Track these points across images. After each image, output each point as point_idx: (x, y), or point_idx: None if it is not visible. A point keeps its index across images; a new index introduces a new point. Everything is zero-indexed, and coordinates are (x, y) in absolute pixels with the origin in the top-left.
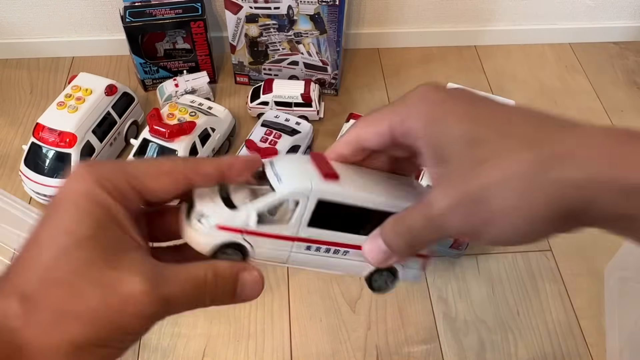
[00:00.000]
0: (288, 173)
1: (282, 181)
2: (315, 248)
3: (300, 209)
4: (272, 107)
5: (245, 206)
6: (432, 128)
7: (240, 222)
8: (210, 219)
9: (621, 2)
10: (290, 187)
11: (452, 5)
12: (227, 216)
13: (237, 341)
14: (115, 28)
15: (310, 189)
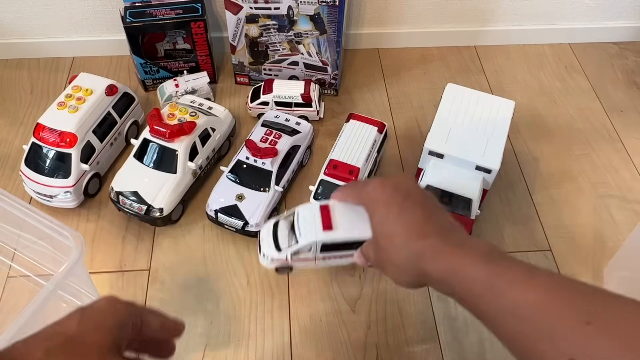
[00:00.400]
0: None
1: (301, 235)
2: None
3: (313, 247)
4: (272, 107)
5: (285, 250)
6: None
7: (283, 257)
8: (268, 256)
9: (621, 2)
10: (305, 240)
11: (452, 6)
12: (276, 255)
13: (237, 341)
14: (115, 28)
15: (316, 241)
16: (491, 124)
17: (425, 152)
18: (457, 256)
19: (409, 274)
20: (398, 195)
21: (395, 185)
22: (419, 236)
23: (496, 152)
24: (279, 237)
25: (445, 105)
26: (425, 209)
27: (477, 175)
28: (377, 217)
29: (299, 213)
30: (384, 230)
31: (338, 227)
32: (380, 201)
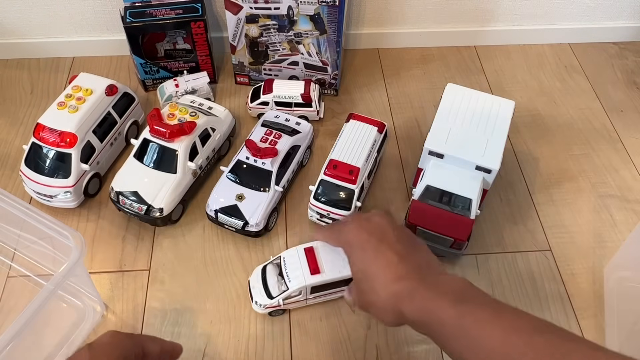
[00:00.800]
0: (292, 274)
1: (290, 281)
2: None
3: (303, 291)
4: (272, 107)
5: (276, 297)
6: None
7: (275, 304)
8: (261, 304)
9: (621, 2)
10: (294, 286)
11: (452, 6)
12: (268, 302)
13: (237, 341)
14: (115, 28)
15: (305, 285)
16: (491, 124)
17: (425, 152)
18: (430, 299)
19: (390, 314)
20: (372, 238)
21: (369, 228)
22: (395, 278)
23: (496, 152)
24: (268, 284)
25: (445, 105)
26: (399, 249)
27: (477, 175)
28: (355, 262)
29: (284, 258)
30: (363, 275)
31: (325, 270)
32: (356, 246)
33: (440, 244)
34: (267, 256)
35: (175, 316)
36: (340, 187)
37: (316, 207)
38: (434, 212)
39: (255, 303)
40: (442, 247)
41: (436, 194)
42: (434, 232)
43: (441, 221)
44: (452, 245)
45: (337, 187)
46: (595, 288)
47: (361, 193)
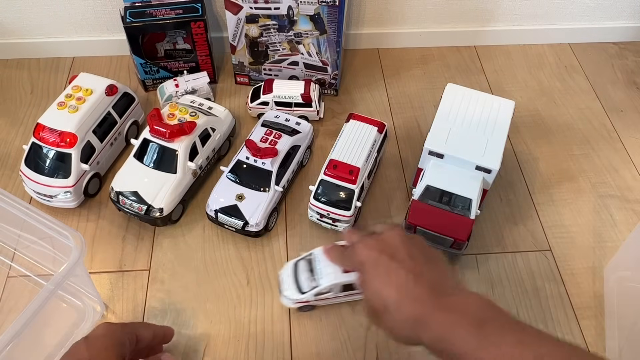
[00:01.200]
0: (324, 271)
1: (322, 277)
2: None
3: (335, 288)
4: (272, 107)
5: (308, 293)
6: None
7: (305, 299)
8: (290, 298)
9: (621, 2)
10: (327, 283)
11: (452, 6)
12: (298, 297)
13: (237, 341)
14: (115, 28)
15: (336, 282)
16: (491, 124)
17: (425, 152)
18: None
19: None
20: (383, 256)
21: (379, 246)
22: (411, 301)
23: (496, 152)
24: (299, 279)
25: (445, 105)
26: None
27: (477, 175)
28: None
29: (317, 255)
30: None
31: None
32: (367, 264)
33: (441, 244)
34: (267, 256)
35: (175, 316)
36: (340, 187)
37: (316, 207)
38: (434, 212)
39: (285, 297)
40: (442, 247)
41: (436, 194)
42: (434, 232)
43: (441, 221)
44: (452, 245)
45: (337, 187)
46: (595, 288)
47: (361, 193)
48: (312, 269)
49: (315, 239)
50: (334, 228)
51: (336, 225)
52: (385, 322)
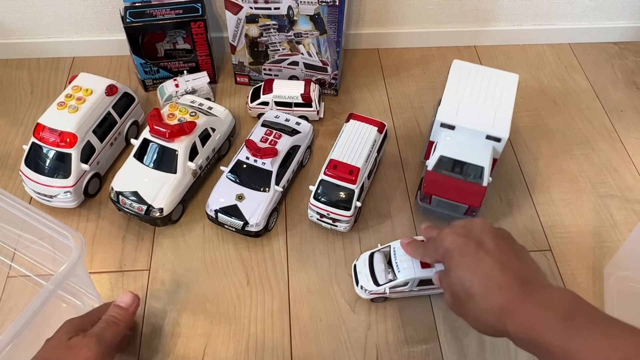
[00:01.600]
0: (402, 266)
1: (400, 271)
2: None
3: (411, 282)
4: (272, 107)
5: (383, 286)
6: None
7: (381, 291)
8: (367, 290)
9: (621, 2)
10: (404, 277)
11: (451, 6)
12: (374, 289)
13: (237, 341)
14: (115, 28)
15: (414, 277)
16: (498, 95)
17: (436, 125)
18: (535, 316)
19: (489, 325)
20: (470, 243)
21: (466, 233)
22: (498, 289)
23: (504, 122)
24: (375, 271)
25: (453, 80)
26: (500, 257)
27: (488, 144)
28: (453, 268)
29: (395, 249)
30: (460, 282)
31: (436, 265)
32: (453, 251)
33: (455, 211)
34: (267, 256)
35: (175, 316)
36: (340, 187)
37: (316, 207)
38: (448, 181)
39: (360, 287)
40: (457, 214)
41: (449, 164)
42: (448, 200)
43: (455, 190)
44: (466, 212)
45: (337, 187)
46: (595, 288)
47: (361, 193)
48: (389, 262)
49: (315, 239)
50: (334, 228)
51: (336, 225)
52: (468, 310)
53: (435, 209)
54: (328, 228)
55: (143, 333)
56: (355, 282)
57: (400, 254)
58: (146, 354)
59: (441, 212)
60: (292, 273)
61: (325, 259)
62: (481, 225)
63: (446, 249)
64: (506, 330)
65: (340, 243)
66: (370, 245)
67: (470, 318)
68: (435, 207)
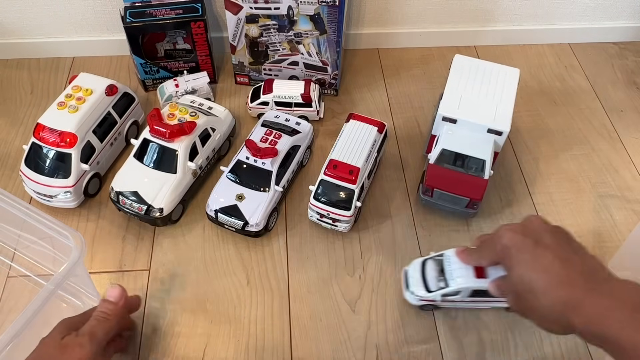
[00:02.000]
0: (456, 274)
1: (453, 279)
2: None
3: (464, 292)
4: (272, 107)
5: (435, 292)
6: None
7: (432, 298)
8: (417, 295)
9: (621, 2)
10: (458, 285)
11: (451, 6)
12: (425, 295)
13: (237, 341)
14: (115, 28)
15: (468, 287)
16: (499, 90)
17: (438, 119)
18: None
19: (555, 323)
20: (528, 240)
21: (523, 231)
22: (558, 284)
23: (506, 115)
24: (427, 278)
25: (455, 75)
26: (559, 252)
27: (489, 137)
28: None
29: (449, 257)
30: (520, 279)
31: (490, 276)
32: (511, 249)
33: (457, 204)
34: (267, 256)
35: (175, 316)
36: (340, 187)
37: (316, 207)
38: (450, 174)
39: (411, 293)
40: (459, 208)
41: (450, 157)
42: (450, 193)
43: (457, 182)
44: (467, 205)
45: (337, 187)
46: None
47: (361, 193)
48: (442, 270)
49: (315, 239)
50: (334, 228)
51: (336, 225)
52: (532, 309)
53: (437, 202)
54: (328, 228)
55: (143, 333)
56: (406, 287)
57: (454, 262)
58: (146, 354)
59: (442, 205)
60: (292, 273)
61: (325, 259)
62: (538, 222)
63: (504, 246)
64: (572, 325)
65: (340, 243)
66: (370, 245)
67: (536, 317)
68: (437, 200)
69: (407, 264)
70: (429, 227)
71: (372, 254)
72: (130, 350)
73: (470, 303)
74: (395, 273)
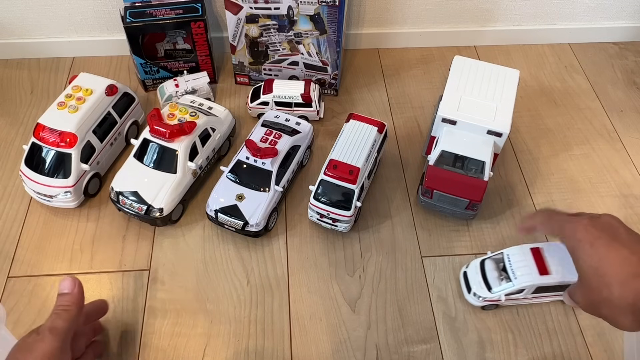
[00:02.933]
0: (518, 272)
1: (516, 277)
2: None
3: (528, 289)
4: (272, 107)
5: (498, 291)
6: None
7: (495, 297)
8: (479, 296)
9: (621, 2)
10: (522, 283)
11: (451, 6)
12: (488, 295)
13: (237, 341)
14: (115, 28)
15: (533, 284)
16: (499, 91)
17: (438, 120)
18: None
19: (629, 315)
20: (604, 235)
21: (599, 226)
22: (634, 274)
23: (505, 117)
24: (488, 278)
25: (455, 76)
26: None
27: (489, 139)
28: (584, 258)
29: (509, 256)
30: (594, 271)
31: (553, 272)
32: (586, 241)
33: (456, 206)
34: (267, 256)
35: (175, 316)
36: (340, 187)
37: (316, 207)
38: (450, 176)
39: (473, 294)
40: (458, 209)
41: (450, 159)
42: (450, 195)
43: (457, 184)
44: (467, 206)
45: (337, 187)
46: None
47: (361, 193)
48: (504, 268)
49: (315, 239)
50: (334, 228)
51: (336, 225)
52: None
53: (436, 203)
54: (328, 228)
55: (143, 333)
56: (467, 290)
57: (515, 261)
58: (146, 354)
59: (442, 207)
60: (292, 273)
61: (325, 259)
62: (613, 219)
63: (577, 237)
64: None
65: (340, 243)
66: (370, 245)
67: (607, 309)
68: (437, 202)
69: (407, 263)
70: (429, 227)
71: (372, 254)
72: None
73: (533, 299)
74: (395, 273)
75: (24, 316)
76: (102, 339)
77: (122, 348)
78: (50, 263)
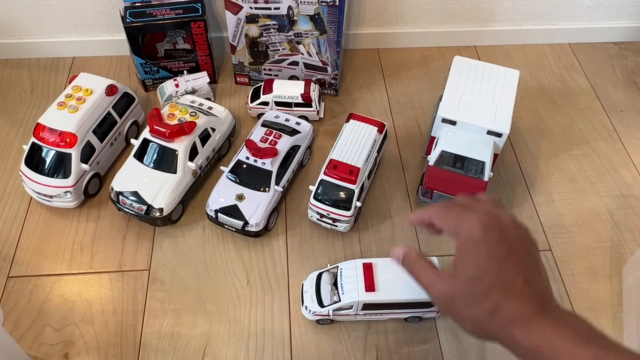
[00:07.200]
0: (346, 287)
1: (344, 293)
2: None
3: (355, 306)
4: (272, 107)
5: (328, 307)
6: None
7: (325, 312)
8: (311, 310)
9: (621, 2)
10: (347, 299)
11: (451, 6)
12: (318, 310)
13: (237, 341)
14: (115, 28)
15: (357, 300)
16: (499, 91)
17: (438, 120)
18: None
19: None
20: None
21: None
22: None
23: (505, 117)
24: (321, 292)
25: (454, 76)
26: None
27: (489, 139)
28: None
29: (342, 270)
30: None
31: (380, 290)
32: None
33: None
34: (267, 256)
35: (175, 316)
36: (340, 187)
37: (316, 207)
38: (449, 176)
39: (305, 308)
40: None
41: (450, 159)
42: (450, 195)
43: (457, 184)
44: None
45: (337, 187)
46: (595, 288)
47: (361, 193)
48: (335, 283)
49: (315, 239)
50: (334, 228)
51: (336, 225)
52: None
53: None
54: (328, 228)
55: (143, 333)
56: (301, 302)
57: (346, 276)
58: (146, 354)
59: None
60: (292, 273)
61: (325, 259)
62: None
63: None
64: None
65: (340, 243)
66: (370, 245)
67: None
68: (437, 202)
69: None
70: None
71: (372, 254)
72: (129, 350)
73: (365, 316)
74: None
75: (24, 316)
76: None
77: (122, 348)
78: (50, 263)
